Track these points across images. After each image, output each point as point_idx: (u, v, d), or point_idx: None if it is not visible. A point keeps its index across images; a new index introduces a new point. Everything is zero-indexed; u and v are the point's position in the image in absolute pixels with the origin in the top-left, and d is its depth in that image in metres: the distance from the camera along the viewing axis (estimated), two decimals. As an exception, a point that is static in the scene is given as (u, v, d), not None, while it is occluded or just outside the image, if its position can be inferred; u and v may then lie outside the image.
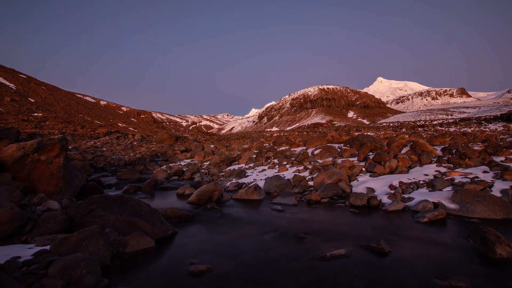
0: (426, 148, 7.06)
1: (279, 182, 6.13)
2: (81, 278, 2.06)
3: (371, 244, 2.93)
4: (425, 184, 5.14)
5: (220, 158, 10.54)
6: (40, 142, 4.88)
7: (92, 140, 27.05)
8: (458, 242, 3.05)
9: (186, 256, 2.81)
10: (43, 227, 2.98)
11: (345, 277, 2.34)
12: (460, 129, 24.20)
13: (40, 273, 2.07)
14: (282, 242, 3.20)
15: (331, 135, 15.76)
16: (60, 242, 2.50)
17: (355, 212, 4.37)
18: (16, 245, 2.68)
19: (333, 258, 2.69)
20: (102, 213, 3.32)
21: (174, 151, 16.01)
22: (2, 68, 67.94)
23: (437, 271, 2.41)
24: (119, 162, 12.40)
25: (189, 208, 4.85)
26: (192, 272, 2.42)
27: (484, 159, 6.11)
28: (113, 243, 2.88)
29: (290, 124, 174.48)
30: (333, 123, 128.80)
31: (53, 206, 3.48)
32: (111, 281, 2.23)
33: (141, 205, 3.59)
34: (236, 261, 2.70)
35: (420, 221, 3.78)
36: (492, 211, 3.87)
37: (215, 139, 25.71)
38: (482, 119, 36.82)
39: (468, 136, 13.05)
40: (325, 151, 8.80)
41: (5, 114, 39.79)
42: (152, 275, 2.45)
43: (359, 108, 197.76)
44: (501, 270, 2.43)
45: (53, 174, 4.80)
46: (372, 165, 6.30)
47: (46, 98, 61.15)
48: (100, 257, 2.49)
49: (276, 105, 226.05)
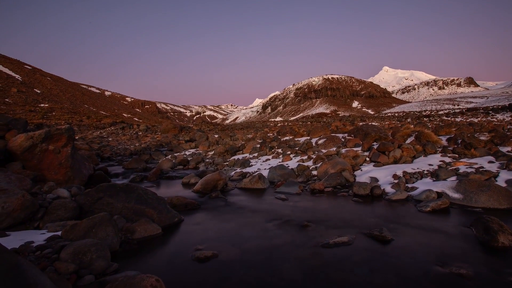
0: (431, 138, 7.01)
1: (283, 172, 6.18)
2: (92, 262, 2.14)
3: (373, 232, 2.97)
4: (429, 174, 5.14)
5: (224, 148, 10.60)
6: (48, 132, 4.96)
7: (98, 131, 27.29)
8: (460, 231, 3.08)
9: (192, 243, 2.89)
10: (54, 214, 3.07)
11: (347, 264, 2.39)
12: (467, 119, 23.89)
13: (53, 257, 2.15)
14: (285, 229, 3.26)
15: (335, 125, 15.69)
16: (71, 228, 2.59)
17: (358, 201, 4.41)
18: (29, 231, 2.78)
19: (336, 245, 2.75)
20: (110, 201, 3.40)
21: (179, 141, 16.11)
22: (7, 59, 68.19)
23: (439, 259, 2.44)
24: (125, 152, 12.54)
25: (194, 196, 4.93)
26: (198, 258, 2.49)
27: (490, 149, 6.07)
28: (122, 229, 2.97)
29: (294, 114, 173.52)
30: (337, 113, 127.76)
31: (63, 194, 3.57)
32: (121, 265, 2.31)
33: (148, 194, 3.66)
34: (241, 247, 2.77)
35: (423, 210, 3.80)
36: (496, 201, 3.88)
37: (219, 129, 25.76)
38: (490, 109, 36.23)
39: (474, 126, 12.90)
40: (329, 141, 8.79)
41: (13, 105, 40.20)
42: (160, 260, 2.53)
43: (364, 98, 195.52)
44: (502, 258, 2.46)
45: (62, 164, 4.89)
46: (376, 155, 6.30)
47: (51, 89, 61.48)
48: (109, 243, 2.57)
49: (280, 95, 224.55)
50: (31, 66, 74.21)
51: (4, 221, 2.69)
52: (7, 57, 71.13)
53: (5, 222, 2.69)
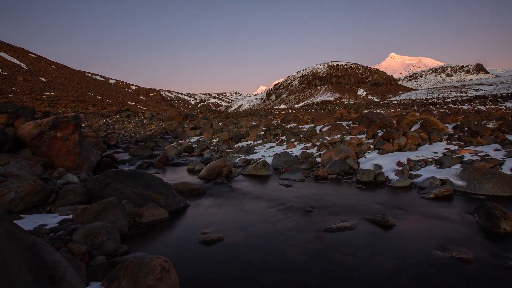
0: (437, 125, 6.96)
1: (287, 159, 6.22)
2: (103, 244, 2.23)
3: (376, 217, 3.02)
4: (433, 162, 5.14)
5: (229, 135, 10.65)
6: (55, 120, 5.03)
7: (104, 118, 27.48)
8: (463, 217, 3.11)
9: (198, 227, 2.97)
10: (65, 198, 3.17)
11: (349, 248, 2.45)
12: (474, 107, 23.51)
13: (66, 239, 2.24)
14: (289, 215, 3.32)
15: (339, 112, 15.57)
16: (82, 212, 2.68)
17: (362, 188, 4.45)
18: (41, 214, 2.89)
19: (338, 230, 2.80)
20: (118, 187, 3.49)
21: (184, 128, 16.20)
22: (12, 48, 68.19)
23: (440, 244, 2.48)
24: (130, 139, 12.67)
25: (200, 182, 5.02)
26: (204, 241, 2.58)
27: (497, 137, 6.02)
28: (130, 213, 3.06)
29: (298, 101, 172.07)
30: (342, 100, 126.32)
31: (72, 179, 3.67)
32: (130, 247, 2.40)
33: (154, 179, 3.74)
34: (246, 231, 2.85)
35: (426, 197, 3.83)
36: (500, 188, 3.88)
37: (224, 117, 25.75)
38: (499, 96, 35.53)
39: (482, 114, 12.72)
40: (333, 129, 8.77)
41: (19, 93, 40.51)
42: (167, 243, 2.62)
43: (370, 85, 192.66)
44: (504, 244, 2.49)
45: (70, 150, 4.99)
46: (381, 143, 6.29)
47: (56, 77, 61.63)
48: (119, 226, 2.66)
49: (285, 83, 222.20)
50: (35, 54, 74.20)
51: (18, 204, 2.80)
52: (11, 45, 71.13)
53: (19, 206, 2.80)
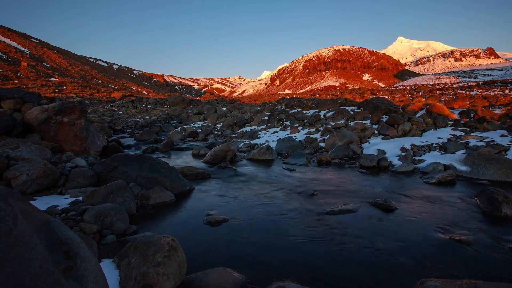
0: (442, 111, 6.89)
1: (290, 144, 6.25)
2: (113, 224, 2.31)
3: (378, 201, 3.07)
4: (437, 147, 5.13)
5: (233, 120, 10.66)
6: (61, 105, 5.09)
7: (109, 104, 27.56)
8: (465, 202, 3.15)
9: (204, 209, 3.05)
10: (74, 181, 3.26)
11: (351, 229, 2.51)
12: (483, 92, 23.04)
13: (77, 219, 2.34)
14: (292, 198, 3.39)
15: (344, 98, 15.41)
16: (91, 194, 2.77)
17: (365, 172, 4.48)
18: (53, 196, 2.99)
19: (341, 212, 2.86)
20: (125, 170, 3.57)
21: (188, 113, 16.21)
22: (14, 33, 67.70)
23: (441, 227, 2.53)
24: (135, 124, 12.75)
25: (204, 167, 5.09)
26: (209, 222, 2.66)
27: (504, 123, 5.95)
28: (137, 196, 3.15)
29: (302, 86, 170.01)
30: (347, 86, 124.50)
31: (80, 163, 3.75)
32: (139, 227, 2.49)
33: (160, 163, 3.81)
34: (250, 213, 2.92)
35: (429, 181, 3.86)
36: (504, 174, 3.89)
37: (228, 102, 25.65)
38: (509, 82, 34.70)
39: (490, 100, 12.50)
40: (337, 114, 8.73)
41: (24, 79, 40.65)
42: (174, 224, 2.71)
43: (375, 70, 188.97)
44: (504, 227, 2.53)
45: (77, 135, 5.07)
46: (385, 128, 6.27)
47: (60, 63, 61.49)
48: (127, 207, 2.75)
49: (289, 67, 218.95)
50: (38, 40, 73.70)
51: (30, 187, 2.89)
52: (14, 30, 70.60)
53: (31, 188, 2.90)
